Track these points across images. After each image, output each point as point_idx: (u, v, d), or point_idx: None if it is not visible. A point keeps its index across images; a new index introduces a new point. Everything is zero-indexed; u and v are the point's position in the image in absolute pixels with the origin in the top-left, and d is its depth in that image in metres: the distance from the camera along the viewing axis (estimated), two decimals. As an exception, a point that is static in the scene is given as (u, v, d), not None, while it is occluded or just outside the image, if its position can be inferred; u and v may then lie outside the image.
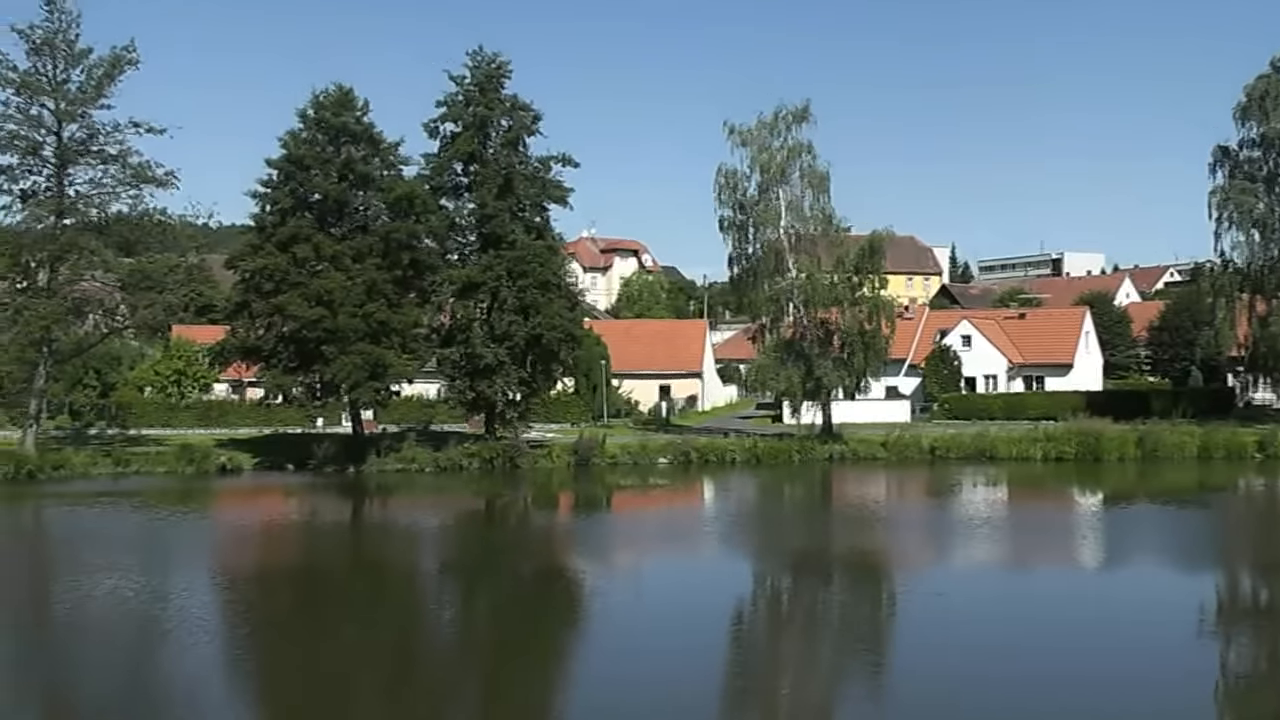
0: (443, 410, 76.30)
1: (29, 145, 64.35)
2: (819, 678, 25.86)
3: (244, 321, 65.79)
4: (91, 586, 34.62)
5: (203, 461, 64.76)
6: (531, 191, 67.95)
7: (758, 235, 72.82)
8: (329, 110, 65.21)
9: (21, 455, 62.04)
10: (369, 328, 62.58)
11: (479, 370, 65.47)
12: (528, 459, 66.38)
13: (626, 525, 51.87)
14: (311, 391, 66.21)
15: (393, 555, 42.89)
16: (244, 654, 28.03)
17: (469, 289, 66.57)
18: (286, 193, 64.66)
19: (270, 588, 35.63)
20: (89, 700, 24.37)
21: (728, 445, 70.43)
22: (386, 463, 64.95)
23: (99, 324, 69.16)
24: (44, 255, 65.49)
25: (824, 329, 71.78)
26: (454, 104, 67.99)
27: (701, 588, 35.55)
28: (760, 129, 72.08)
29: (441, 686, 25.35)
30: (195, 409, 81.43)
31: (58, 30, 63.64)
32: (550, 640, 29.16)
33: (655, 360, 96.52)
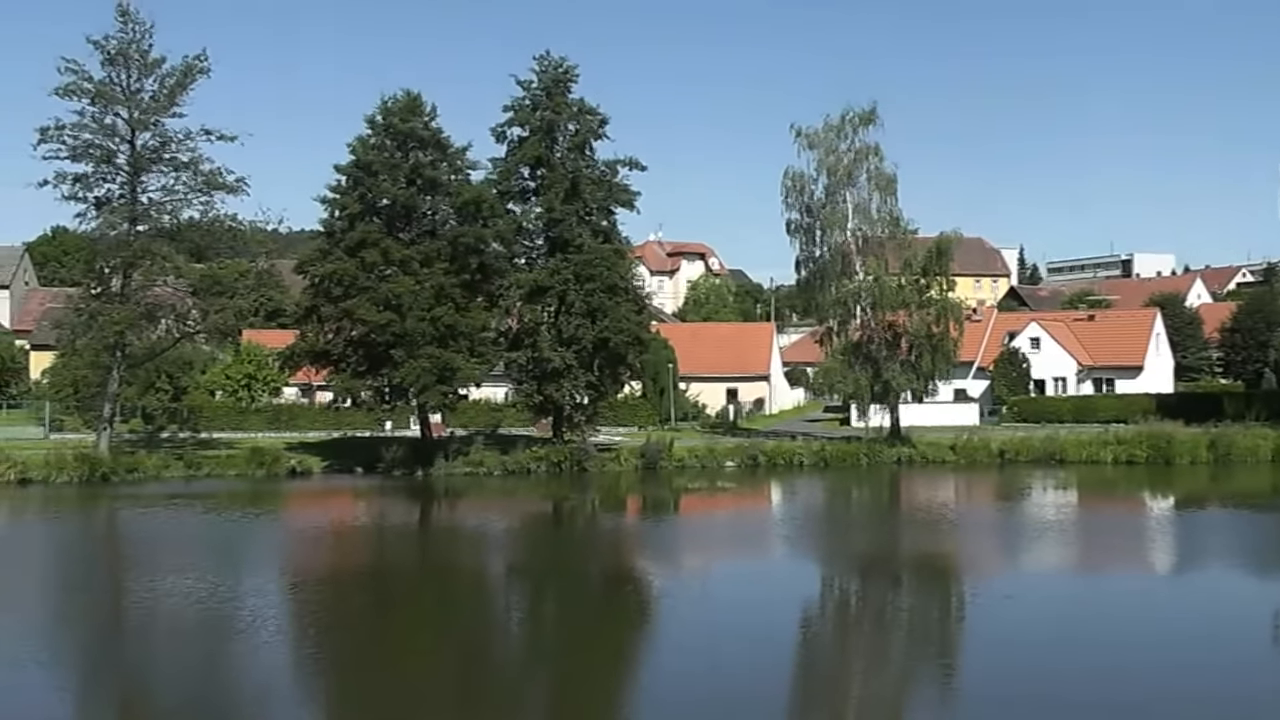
0: (510, 414, 76.57)
1: (103, 154, 65.11)
2: (888, 680, 25.66)
3: (313, 326, 66.20)
4: (165, 587, 35.03)
5: (273, 464, 65.24)
6: (599, 195, 68.01)
7: (825, 238, 72.58)
8: (397, 116, 65.50)
9: (96, 458, 62.77)
10: (437, 332, 62.78)
11: (546, 374, 65.59)
12: (595, 462, 66.40)
13: (694, 528, 51.83)
14: (380, 395, 66.52)
15: (461, 558, 43.05)
16: (314, 654, 28.23)
17: (536, 293, 66.72)
18: (355, 198, 65.00)
19: (340, 589, 35.84)
20: (162, 699, 24.67)
21: (795, 448, 70.14)
22: (454, 466, 65.17)
23: (171, 329, 69.73)
24: (117, 261, 66.33)
25: (892, 332, 71.40)
26: (521, 108, 68.19)
27: (769, 591, 35.41)
28: (827, 132, 71.88)
29: (510, 689, 25.39)
30: (265, 413, 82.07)
31: (131, 41, 64.39)
32: (618, 643, 29.14)
33: (722, 363, 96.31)
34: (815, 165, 72.00)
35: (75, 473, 61.12)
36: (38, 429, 74.96)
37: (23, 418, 77.67)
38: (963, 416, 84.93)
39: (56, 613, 33.48)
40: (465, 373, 64.05)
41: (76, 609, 33.73)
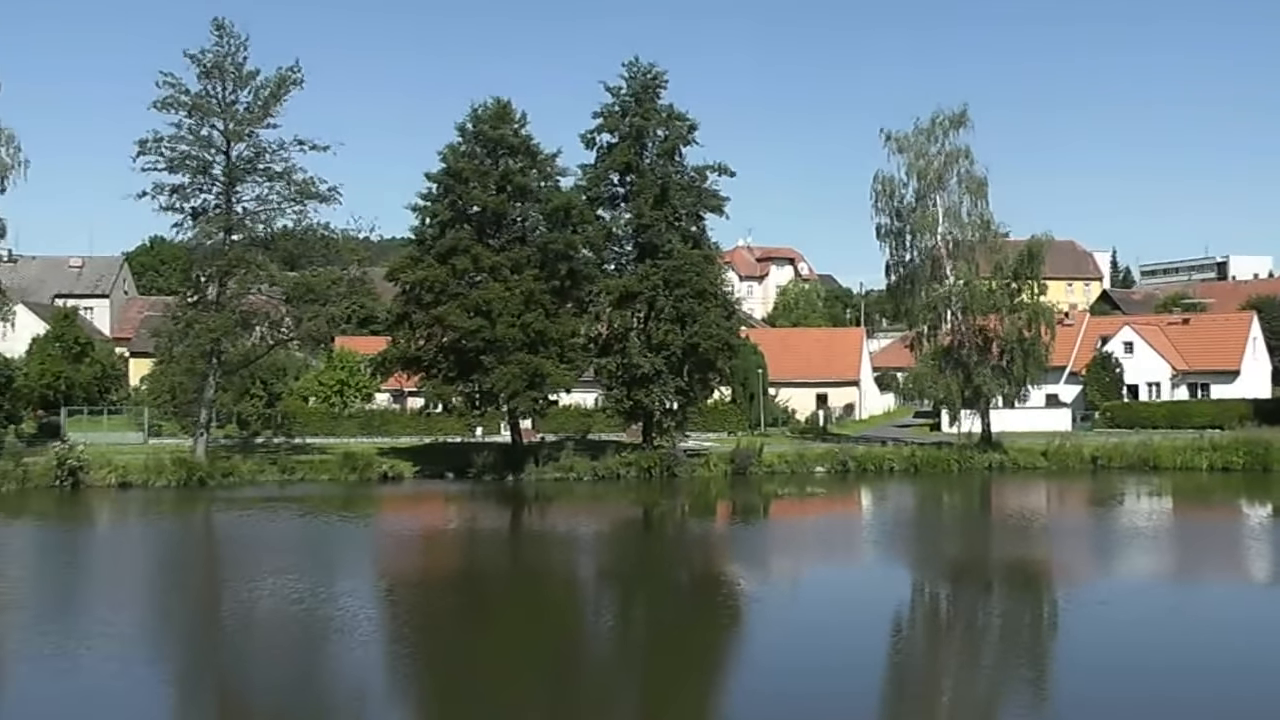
0: (600, 419, 76.73)
1: (200, 165, 66.29)
2: (980, 686, 25.47)
3: (405, 332, 66.77)
4: (262, 588, 35.62)
5: (365, 469, 65.95)
6: (688, 201, 68.01)
7: (915, 242, 72.13)
8: (487, 123, 65.95)
9: (193, 463, 63.85)
10: (527, 337, 63.10)
11: (636, 379, 65.68)
12: (685, 468, 66.40)
13: (784, 533, 51.70)
14: (471, 401, 66.93)
15: (552, 562, 43.21)
16: (407, 656, 28.55)
17: (626, 298, 66.86)
18: (446, 205, 65.54)
19: (432, 592, 36.19)
20: (260, 696, 25.08)
21: (886, 454, 69.74)
22: (545, 471, 65.47)
23: (265, 336, 70.66)
24: (213, 270, 67.47)
25: (983, 336, 70.75)
26: (610, 115, 68.40)
27: (860, 596, 35.28)
28: (917, 135, 71.40)
29: (601, 691, 25.50)
30: (358, 418, 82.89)
31: (226, 54, 65.50)
32: (708, 647, 29.12)
33: (812, 369, 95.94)
34: (905, 169, 71.62)
35: (173, 477, 62.30)
36: (137, 434, 76.37)
37: (122, 423, 79.11)
38: (1055, 422, 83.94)
39: (158, 611, 34.19)
40: (555, 378, 64.29)
41: (177, 608, 34.45)
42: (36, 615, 32.84)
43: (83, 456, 62.35)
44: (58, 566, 42.34)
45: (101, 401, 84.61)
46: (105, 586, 38.20)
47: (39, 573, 41.05)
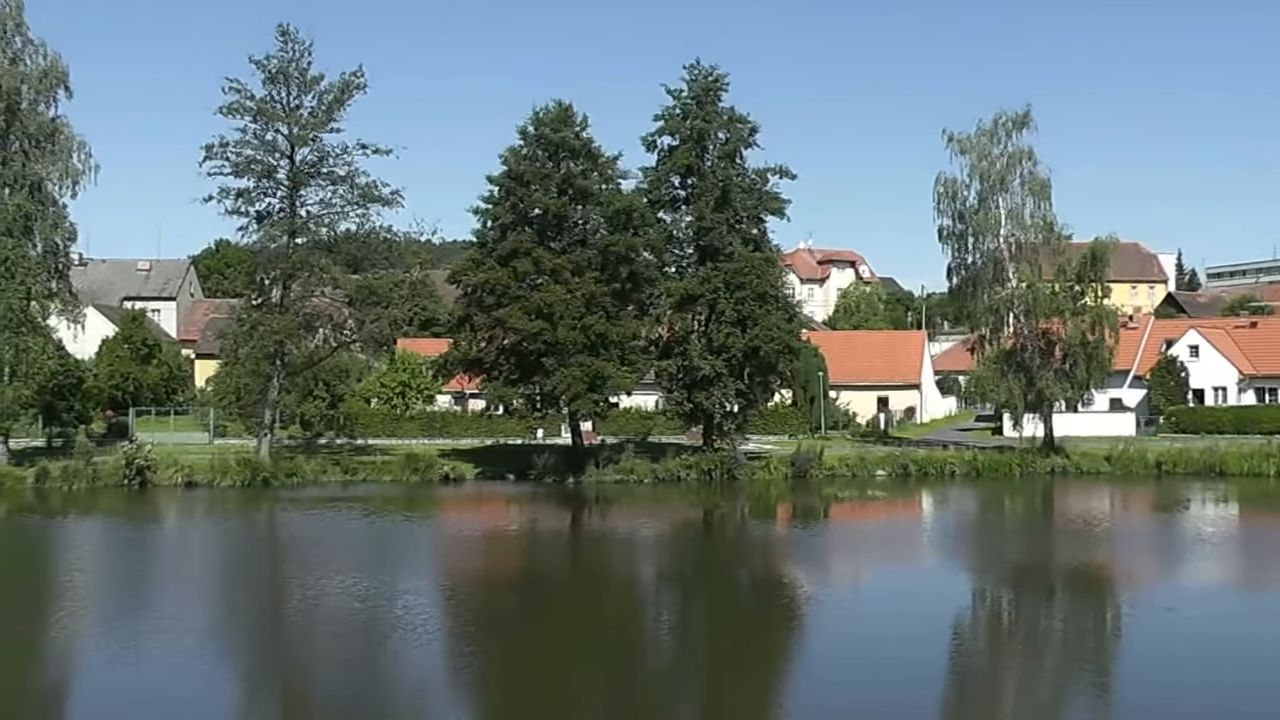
0: (661, 422, 76.83)
1: (264, 169, 67.11)
2: (1043, 693, 25.26)
3: (466, 334, 67.12)
4: (325, 586, 35.97)
5: (427, 471, 66.38)
6: (749, 203, 67.99)
7: (977, 244, 71.66)
8: (549, 126, 66.20)
9: (257, 463, 64.56)
10: (588, 340, 63.27)
11: (697, 382, 65.71)
12: (745, 470, 66.39)
13: (845, 537, 51.54)
14: (532, 403, 67.17)
15: (612, 563, 43.38)
16: (468, 655, 28.72)
17: (687, 301, 66.91)
18: (507, 208, 65.83)
19: (493, 593, 36.39)
20: (323, 692, 25.41)
21: (947, 458, 69.39)
22: (605, 473, 65.64)
23: (328, 338, 71.35)
24: (277, 273, 68.23)
25: (1045, 339, 70.19)
26: (671, 117, 68.50)
27: (921, 600, 35.10)
28: (980, 136, 70.96)
29: (660, 693, 25.55)
30: (419, 420, 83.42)
31: (291, 60, 66.29)
32: (768, 650, 29.06)
33: (873, 372, 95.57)
34: (967, 171, 71.19)
35: (238, 477, 63.05)
36: (202, 434, 77.27)
37: (188, 424, 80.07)
38: (1118, 427, 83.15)
39: (224, 608, 34.68)
40: (616, 381, 64.42)
41: (243, 605, 34.90)
42: (107, 610, 33.51)
43: (150, 456, 63.27)
44: (127, 563, 43.05)
45: (168, 402, 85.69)
46: (173, 583, 38.80)
47: (109, 569, 41.81)
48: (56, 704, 25.31)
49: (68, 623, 32.10)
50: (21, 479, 61.91)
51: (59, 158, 65.35)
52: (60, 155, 65.40)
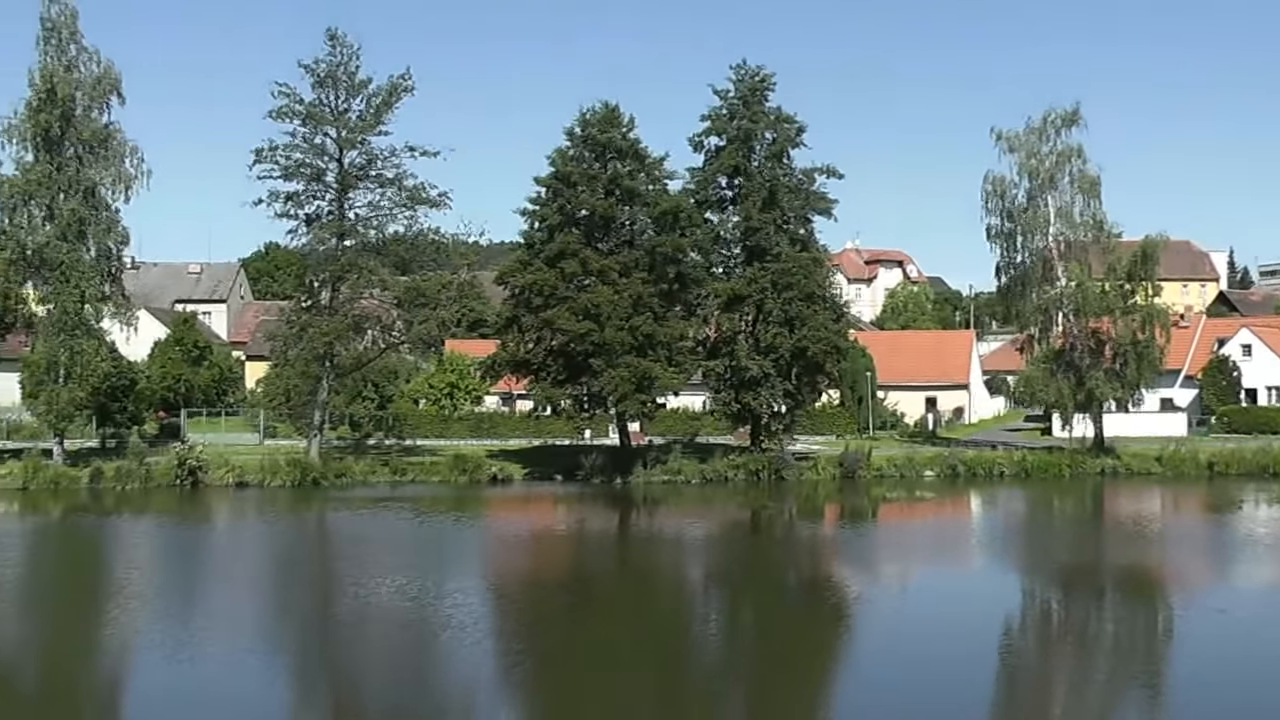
0: (709, 422, 76.78)
1: (313, 172, 67.55)
2: (1093, 696, 25.09)
3: (514, 336, 67.29)
4: (374, 586, 36.25)
5: (475, 471, 66.59)
6: (796, 204, 67.88)
7: (1026, 243, 71.20)
8: (595, 127, 66.30)
9: (307, 463, 65.01)
10: (636, 341, 63.32)
11: (744, 382, 65.65)
12: (793, 471, 66.28)
13: (893, 537, 51.42)
14: (580, 403, 67.27)
15: (660, 563, 43.46)
16: (516, 654, 28.88)
17: (734, 302, 66.87)
18: (555, 209, 65.97)
19: (541, 592, 36.54)
20: (372, 689, 25.59)
21: (996, 458, 69.01)
22: (653, 474, 65.67)
23: (377, 339, 71.69)
24: (326, 275, 68.67)
25: (1095, 339, 69.69)
26: (718, 118, 68.48)
27: (969, 601, 35.03)
28: (1028, 134, 70.54)
29: (708, 693, 25.63)
30: (468, 421, 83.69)
31: (339, 64, 66.67)
32: (815, 650, 29.13)
33: (921, 372, 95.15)
34: (1016, 169, 70.75)
35: (288, 477, 63.52)
36: (253, 435, 77.86)
37: (239, 424, 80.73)
38: (1170, 427, 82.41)
39: (275, 606, 35.06)
40: (663, 381, 64.44)
41: (293, 603, 35.26)
42: (161, 607, 34.00)
43: (202, 457, 63.83)
44: (180, 561, 43.64)
45: (219, 403, 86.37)
46: (225, 581, 39.23)
47: (163, 567, 42.35)
48: (113, 699, 25.74)
49: (124, 620, 32.67)
50: (76, 479, 62.66)
51: (112, 163, 66.09)
52: (113, 161, 66.13)
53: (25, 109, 64.47)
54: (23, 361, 66.25)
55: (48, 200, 64.65)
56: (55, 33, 64.99)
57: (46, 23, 64.96)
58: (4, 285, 64.17)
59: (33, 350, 65.70)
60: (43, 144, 64.61)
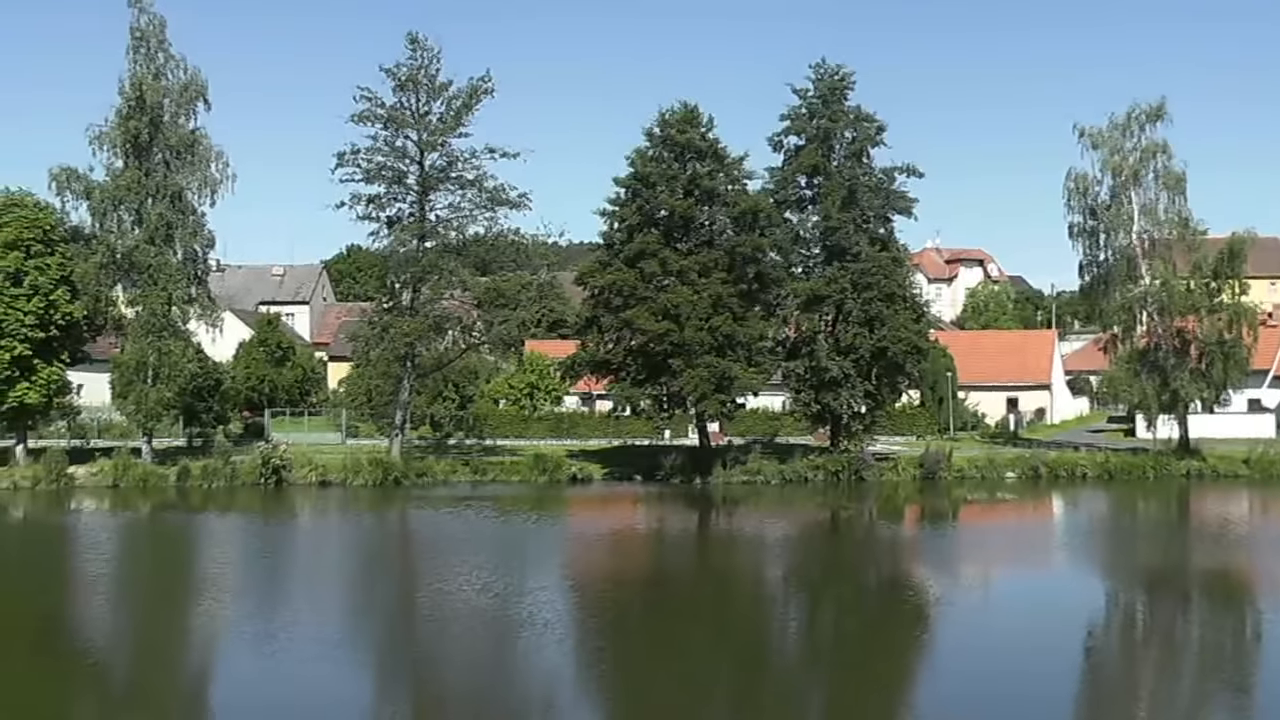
0: (788, 422, 76.62)
1: (395, 175, 68.30)
2: (1179, 701, 24.77)
3: (594, 336, 67.55)
4: (455, 584, 36.50)
5: (555, 471, 66.90)
6: (876, 203, 67.57)
7: (1109, 241, 70.39)
8: (675, 128, 66.34)
9: (389, 463, 65.65)
10: (715, 341, 63.32)
11: (824, 383, 65.45)
12: (873, 472, 66.01)
13: (974, 538, 51.01)
14: (659, 404, 67.37)
15: (739, 563, 43.43)
16: (595, 652, 29.04)
17: (814, 302, 66.71)
18: (634, 210, 66.10)
19: (620, 592, 36.61)
20: (453, 685, 25.88)
21: (1078, 460, 68.29)
22: (732, 474, 65.63)
23: (457, 340, 72.28)
24: (407, 276, 69.32)
25: (1180, 338, 68.77)
26: (797, 117, 68.32)
27: (1051, 603, 34.61)
28: (1112, 130, 69.70)
29: (788, 692, 25.61)
30: (547, 420, 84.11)
31: (420, 67, 67.28)
32: (895, 650, 28.97)
33: (1002, 372, 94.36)
34: (1099, 166, 69.96)
35: (370, 476, 64.18)
36: (335, 435, 78.74)
37: (322, 424, 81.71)
38: (1258, 428, 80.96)
39: (358, 601, 35.52)
40: (743, 381, 64.41)
41: (376, 598, 35.74)
42: (248, 601, 34.56)
43: (286, 456, 64.70)
44: (266, 557, 44.30)
45: (302, 403, 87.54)
46: (309, 577, 39.83)
47: (249, 563, 42.98)
48: (202, 690, 26.26)
49: (211, 613, 33.31)
50: (164, 477, 63.77)
51: (198, 168, 67.19)
52: (199, 166, 67.23)
53: (115, 116, 65.88)
54: (113, 362, 67.38)
55: (136, 205, 65.93)
56: (144, 41, 66.22)
57: (136, 32, 66.24)
58: (95, 288, 65.33)
59: (122, 351, 66.85)
60: (132, 150, 65.94)
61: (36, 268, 62.98)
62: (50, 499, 60.09)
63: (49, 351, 64.29)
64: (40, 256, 63.39)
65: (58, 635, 30.75)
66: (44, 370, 63.71)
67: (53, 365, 64.50)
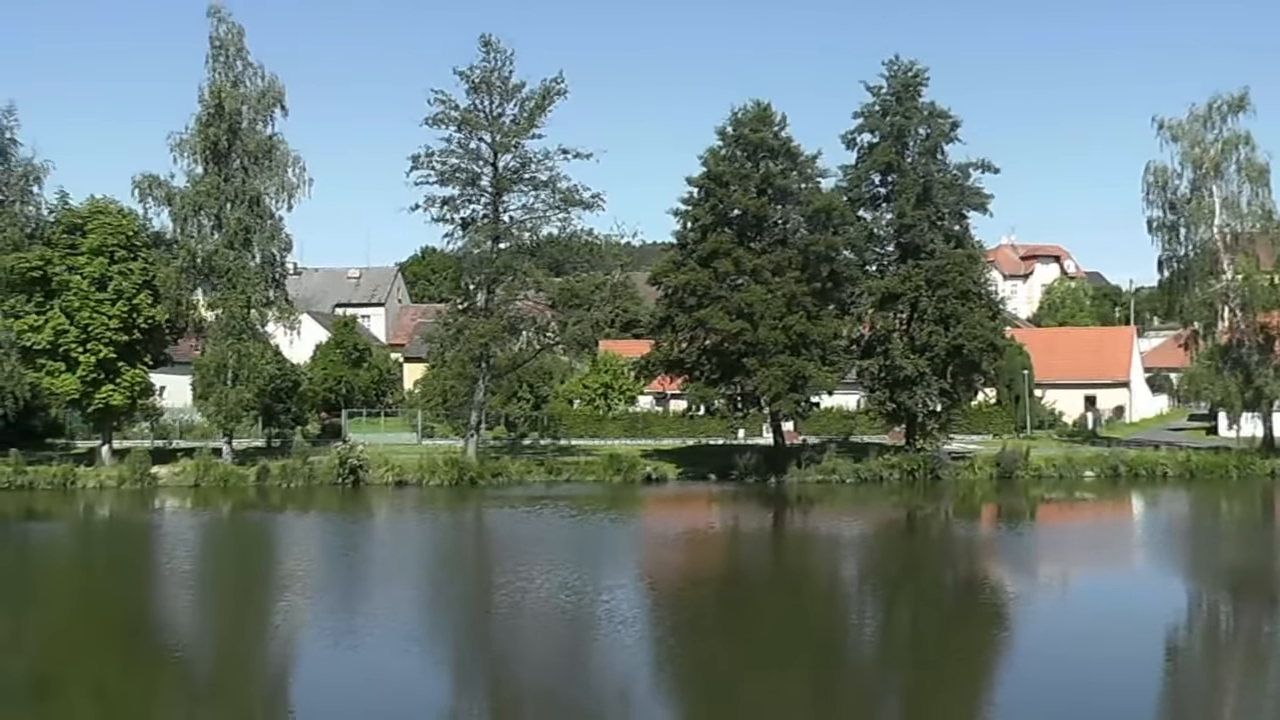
0: (863, 421, 76.31)
1: (469, 177, 68.77)
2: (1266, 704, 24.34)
3: (668, 335, 67.57)
4: (530, 582, 36.74)
5: (629, 471, 66.99)
6: (950, 199, 67.07)
7: (1189, 235, 69.41)
8: (747, 127, 66.22)
9: (465, 463, 66.08)
10: (789, 340, 63.16)
11: (899, 381, 65.06)
12: (949, 471, 65.58)
13: (1052, 538, 50.54)
14: (733, 403, 67.31)
15: (814, 562, 43.35)
16: (669, 650, 29.10)
17: (888, 300, 66.39)
18: (707, 209, 66.07)
19: (696, 591, 36.64)
20: (528, 682, 26.05)
21: (1158, 459, 67.36)
22: (807, 473, 65.42)
23: (532, 340, 72.59)
24: (482, 278, 69.72)
25: (1264, 334, 67.70)
26: (871, 114, 67.89)
27: (1131, 604, 34.25)
28: (1192, 122, 68.70)
29: (864, 692, 25.56)
30: (622, 420, 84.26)
31: (493, 69, 67.69)
32: (973, 651, 28.78)
33: (1080, 370, 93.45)
34: (1179, 158, 69.01)
35: (445, 476, 64.65)
36: (411, 435, 79.43)
37: (398, 425, 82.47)
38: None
39: (435, 598, 35.91)
40: (817, 380, 64.20)
41: (453, 596, 36.10)
42: (327, 598, 35.06)
43: (362, 456, 65.31)
44: (344, 555, 44.80)
45: (379, 404, 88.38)
46: (386, 575, 40.19)
47: (329, 561, 43.53)
48: (282, 685, 26.66)
49: (292, 610, 33.82)
50: (244, 477, 64.67)
51: (276, 173, 68.12)
52: (277, 170, 68.16)
53: (195, 124, 67.00)
54: (194, 365, 68.44)
55: (216, 210, 66.97)
56: (223, 50, 67.27)
57: (215, 41, 67.31)
58: (176, 292, 66.38)
59: (203, 354, 67.87)
60: (211, 157, 66.99)
61: (120, 273, 64.22)
62: (134, 498, 61.17)
63: (133, 354, 65.64)
64: (124, 262, 64.64)
65: (145, 630, 31.38)
66: (128, 373, 65.04)
67: (136, 368, 65.88)
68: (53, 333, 63.58)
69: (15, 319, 64.25)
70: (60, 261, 64.40)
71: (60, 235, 65.24)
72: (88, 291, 63.44)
